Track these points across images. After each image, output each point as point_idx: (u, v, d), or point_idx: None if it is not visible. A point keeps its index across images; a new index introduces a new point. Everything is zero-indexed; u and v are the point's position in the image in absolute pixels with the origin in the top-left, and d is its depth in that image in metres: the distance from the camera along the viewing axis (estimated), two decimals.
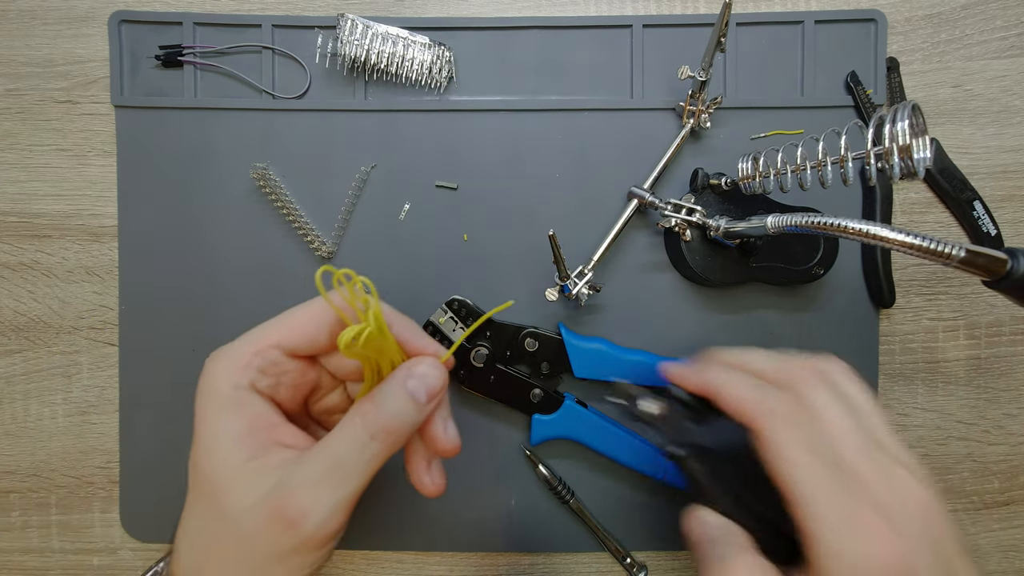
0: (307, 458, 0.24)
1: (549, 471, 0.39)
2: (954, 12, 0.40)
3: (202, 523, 0.25)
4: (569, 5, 0.41)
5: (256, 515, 0.23)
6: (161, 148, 0.40)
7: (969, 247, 0.24)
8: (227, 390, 0.25)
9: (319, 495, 0.23)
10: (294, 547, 0.23)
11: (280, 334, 0.26)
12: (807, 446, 0.25)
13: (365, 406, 0.25)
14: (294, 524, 0.23)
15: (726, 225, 0.35)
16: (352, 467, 0.24)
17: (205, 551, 0.25)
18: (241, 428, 0.24)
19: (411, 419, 0.25)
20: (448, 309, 0.38)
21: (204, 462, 0.24)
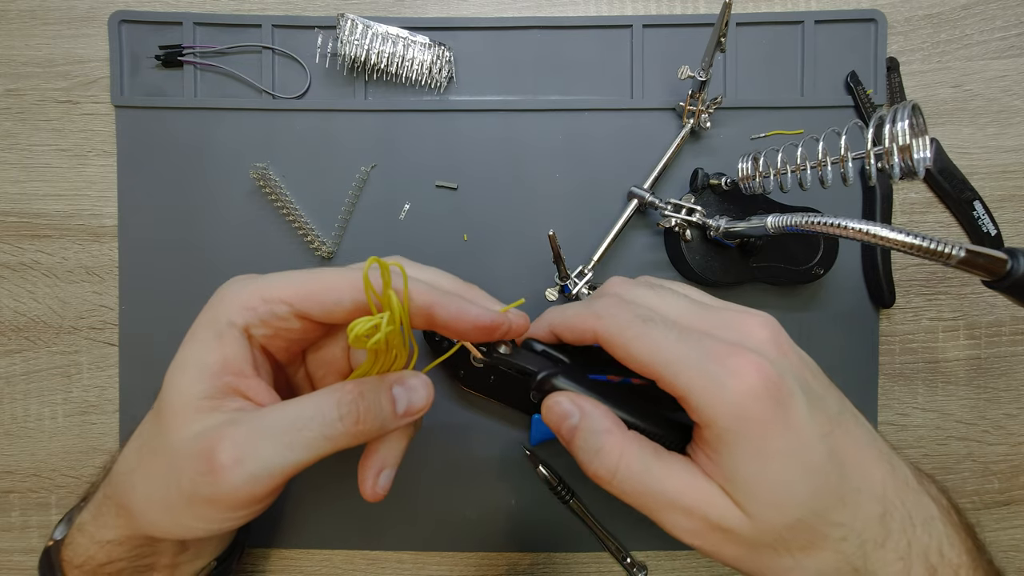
0: (266, 412, 0.24)
1: (549, 471, 0.39)
2: (954, 12, 0.40)
3: (149, 433, 0.26)
4: (569, 5, 0.41)
5: (188, 447, 0.23)
6: (161, 148, 0.40)
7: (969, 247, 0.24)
8: (221, 321, 0.25)
9: (257, 451, 0.22)
10: (208, 496, 0.23)
11: (296, 292, 0.25)
12: (642, 324, 0.24)
13: (348, 387, 0.25)
14: (215, 471, 0.22)
15: (726, 225, 0.35)
16: (306, 437, 0.23)
17: (141, 460, 0.26)
18: (213, 365, 0.24)
19: (382, 423, 0.25)
20: None
21: (172, 378, 0.24)
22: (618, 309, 0.25)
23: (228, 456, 0.22)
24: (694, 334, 0.24)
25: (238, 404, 0.24)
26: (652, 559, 0.40)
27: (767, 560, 0.22)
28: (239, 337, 0.25)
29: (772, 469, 0.21)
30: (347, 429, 0.24)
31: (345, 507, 0.40)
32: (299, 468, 0.23)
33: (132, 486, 0.25)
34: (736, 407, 0.21)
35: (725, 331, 0.24)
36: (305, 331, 0.26)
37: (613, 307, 0.26)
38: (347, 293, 0.25)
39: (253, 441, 0.23)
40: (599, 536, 0.39)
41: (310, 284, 0.25)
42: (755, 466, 0.22)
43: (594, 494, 0.39)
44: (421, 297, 0.24)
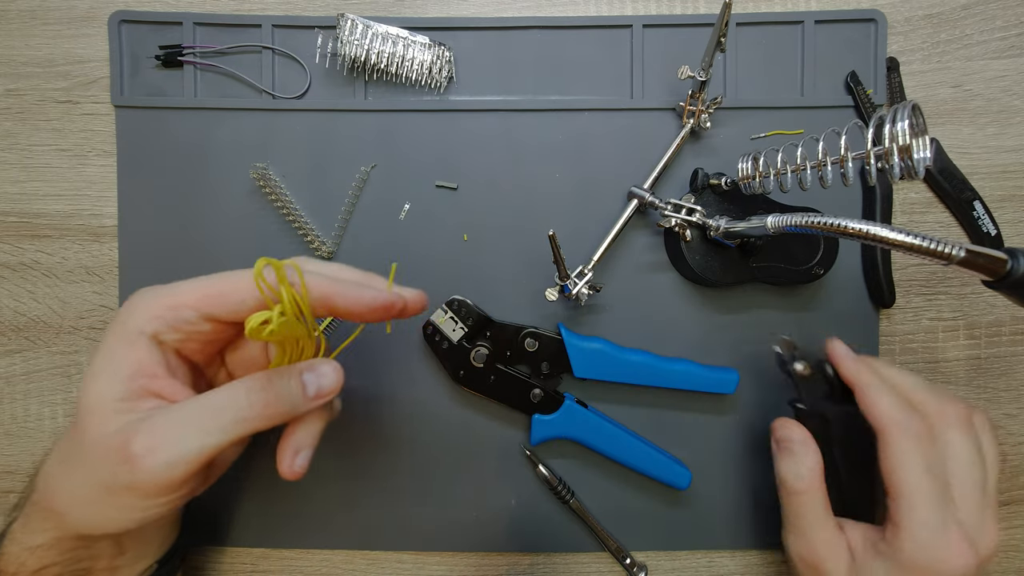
0: (179, 404, 0.25)
1: (549, 471, 0.39)
2: (954, 12, 0.40)
3: (69, 439, 0.27)
4: (569, 5, 0.41)
5: (106, 443, 0.24)
6: (161, 148, 0.40)
7: (969, 247, 0.24)
8: (131, 330, 0.26)
9: (170, 438, 0.24)
10: (128, 484, 0.24)
11: (198, 298, 0.26)
12: (925, 465, 0.29)
13: (258, 375, 0.26)
14: (131, 459, 0.24)
15: (726, 225, 0.35)
16: (219, 422, 0.25)
17: (61, 463, 0.27)
18: (125, 369, 0.26)
19: (293, 405, 0.27)
20: (448, 309, 0.38)
21: (88, 384, 0.26)
22: (919, 443, 0.30)
23: (142, 445, 0.24)
24: (950, 502, 0.29)
25: (153, 404, 0.26)
26: (652, 559, 0.40)
27: None
28: (149, 343, 0.26)
29: None
30: (258, 412, 0.26)
31: (345, 507, 0.40)
32: (214, 452, 0.25)
33: (55, 487, 0.27)
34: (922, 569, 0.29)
35: (973, 520, 0.30)
36: (216, 332, 0.28)
37: (918, 438, 0.30)
38: (249, 292, 0.26)
39: (166, 430, 0.24)
40: (599, 536, 0.39)
41: (214, 287, 0.27)
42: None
43: (594, 494, 0.39)
44: (319, 288, 0.26)
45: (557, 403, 0.38)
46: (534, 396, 0.38)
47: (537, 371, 0.38)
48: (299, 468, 0.29)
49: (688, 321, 0.40)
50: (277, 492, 0.40)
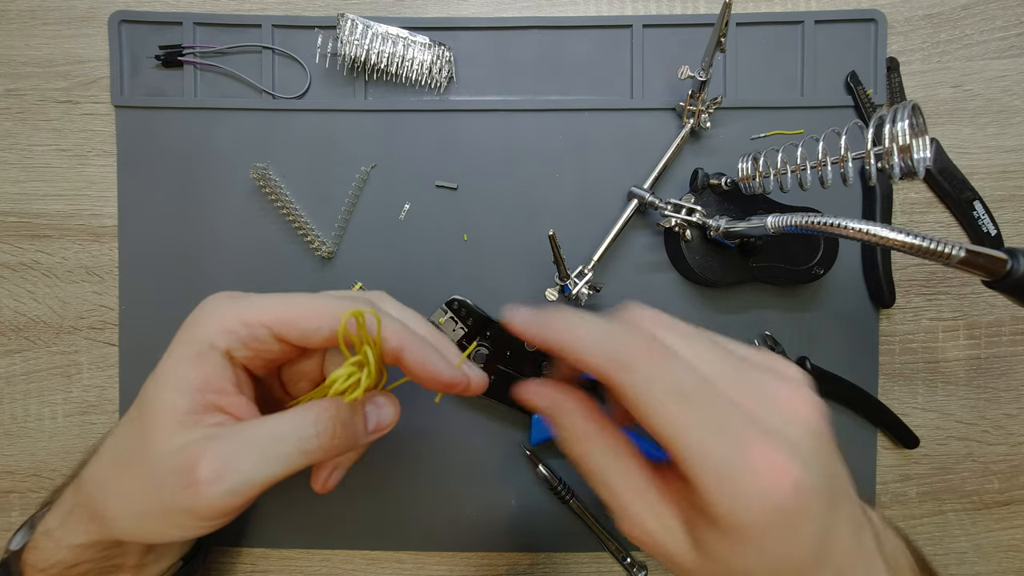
0: (245, 427, 0.25)
1: (549, 471, 0.39)
2: (954, 12, 0.40)
3: (129, 442, 0.26)
4: (569, 5, 0.41)
5: (170, 460, 0.24)
6: (161, 148, 0.40)
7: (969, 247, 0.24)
8: (202, 342, 0.25)
9: (236, 465, 0.23)
10: (187, 508, 0.24)
11: (276, 318, 0.26)
12: (678, 402, 0.20)
13: (325, 404, 0.25)
14: (196, 484, 0.23)
15: (726, 225, 0.35)
16: (283, 452, 0.24)
17: (119, 470, 0.26)
18: (195, 381, 0.25)
19: (355, 439, 0.26)
20: (448, 309, 0.38)
21: (154, 392, 0.25)
22: (653, 367, 0.21)
23: (209, 470, 0.23)
24: (724, 409, 0.20)
25: (218, 419, 0.25)
26: (652, 559, 0.40)
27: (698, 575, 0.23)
28: (220, 359, 0.26)
29: (750, 557, 0.20)
30: (322, 444, 0.25)
31: (346, 508, 0.40)
32: (275, 481, 0.24)
33: (107, 495, 0.26)
34: (748, 515, 0.19)
35: (762, 408, 0.21)
36: (284, 352, 0.27)
37: (644, 359, 0.21)
38: (326, 322, 0.25)
39: (233, 456, 0.24)
40: (599, 536, 0.39)
41: (291, 311, 0.26)
42: (734, 551, 0.20)
43: (594, 494, 0.39)
44: (395, 338, 0.25)
45: None
46: None
47: (537, 371, 0.38)
48: (332, 485, 0.30)
49: (688, 321, 0.40)
50: (277, 493, 0.40)
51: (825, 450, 0.21)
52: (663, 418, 0.20)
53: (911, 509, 0.40)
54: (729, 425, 0.20)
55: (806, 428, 0.21)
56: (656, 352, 0.21)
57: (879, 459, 0.40)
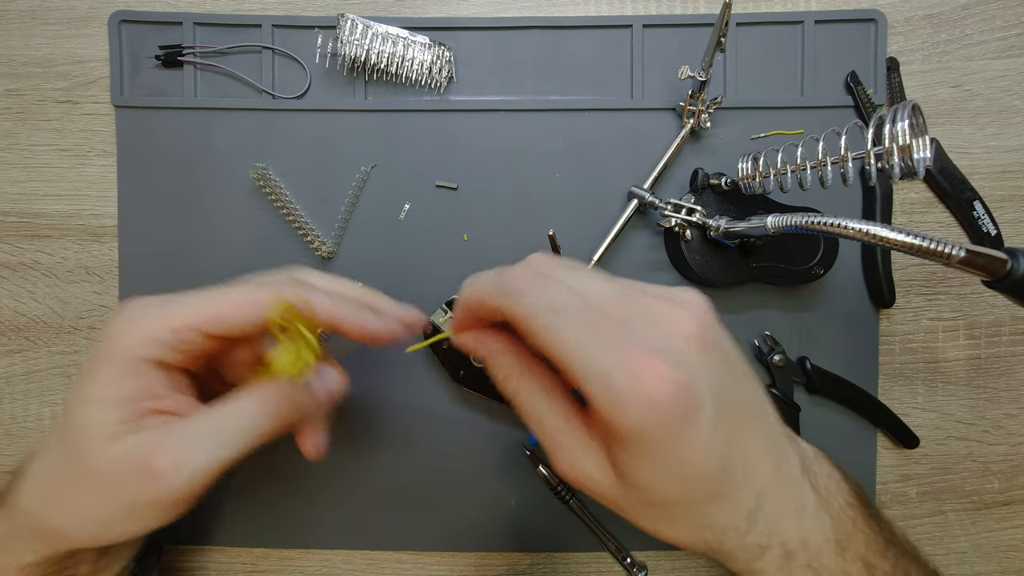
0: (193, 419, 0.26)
1: (549, 471, 0.39)
2: (954, 12, 0.40)
3: (61, 465, 0.26)
4: (569, 5, 0.41)
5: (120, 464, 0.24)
6: (161, 148, 0.40)
7: (969, 247, 0.24)
8: (128, 356, 0.25)
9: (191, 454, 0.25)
10: (152, 500, 0.25)
11: (205, 317, 0.26)
12: (551, 315, 0.21)
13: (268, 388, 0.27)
14: (155, 477, 0.24)
15: (726, 225, 0.35)
16: (237, 434, 0.26)
17: (59, 488, 0.26)
18: (126, 394, 0.25)
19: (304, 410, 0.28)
20: (448, 309, 0.38)
21: (79, 412, 0.25)
22: (530, 289, 0.22)
23: (165, 462, 0.24)
24: (608, 326, 0.21)
25: (160, 420, 0.26)
26: (652, 559, 0.40)
27: (630, 510, 0.23)
28: (150, 369, 0.26)
29: (657, 470, 0.21)
30: (272, 422, 0.27)
31: (345, 507, 0.40)
32: (234, 461, 0.26)
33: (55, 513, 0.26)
34: (636, 420, 0.20)
35: (644, 324, 0.21)
36: (216, 346, 0.28)
37: (524, 285, 0.23)
38: (254, 311, 0.26)
39: (187, 444, 0.25)
40: (599, 536, 0.39)
41: (218, 307, 0.26)
42: (642, 465, 0.21)
43: None
44: (325, 311, 0.27)
45: None
46: None
47: None
48: (322, 447, 0.30)
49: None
50: (277, 492, 0.40)
51: (715, 364, 0.22)
52: (544, 334, 0.21)
53: (911, 509, 0.40)
54: (607, 336, 0.21)
55: (687, 339, 0.21)
56: (534, 278, 0.23)
57: (879, 459, 0.40)
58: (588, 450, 0.23)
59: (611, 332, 0.21)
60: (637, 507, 0.23)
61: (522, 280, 0.23)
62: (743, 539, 0.22)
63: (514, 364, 0.26)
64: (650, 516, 0.23)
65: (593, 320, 0.21)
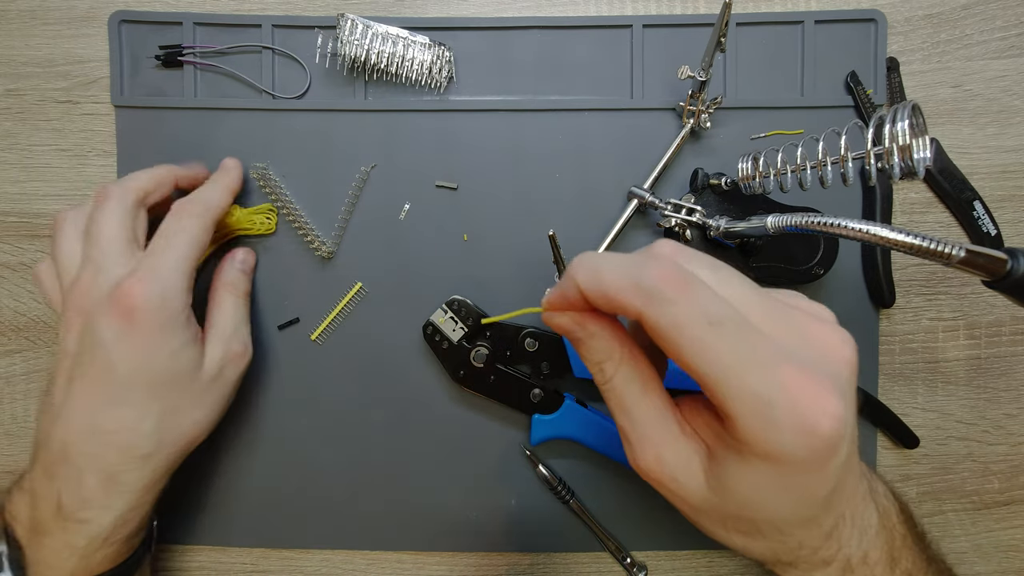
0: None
1: (549, 471, 0.39)
2: (954, 12, 0.40)
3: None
4: (569, 5, 0.41)
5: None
6: (161, 148, 0.40)
7: (969, 247, 0.24)
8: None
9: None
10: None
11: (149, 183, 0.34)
12: (708, 328, 0.19)
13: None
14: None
15: (726, 225, 0.35)
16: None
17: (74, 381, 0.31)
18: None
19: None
20: (448, 309, 0.38)
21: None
22: (679, 294, 0.19)
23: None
24: (766, 345, 0.19)
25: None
26: (652, 559, 0.40)
27: (706, 517, 0.23)
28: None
29: (777, 493, 0.20)
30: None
31: (345, 507, 0.40)
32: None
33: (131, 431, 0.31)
34: (788, 446, 0.19)
35: (805, 347, 0.20)
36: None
37: (671, 287, 0.19)
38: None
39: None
40: (599, 536, 0.39)
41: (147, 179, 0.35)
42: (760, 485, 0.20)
43: (594, 494, 0.39)
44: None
45: (557, 403, 0.38)
46: (534, 396, 0.38)
47: (537, 371, 0.38)
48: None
49: None
50: (276, 492, 0.40)
51: (854, 391, 0.21)
52: (693, 348, 0.19)
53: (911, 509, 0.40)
54: (764, 355, 0.19)
55: (843, 363, 0.20)
56: (683, 280, 0.20)
57: (879, 459, 0.40)
58: (680, 450, 0.22)
59: (771, 352, 0.19)
60: (721, 518, 0.22)
61: (667, 281, 0.20)
62: (814, 555, 0.22)
63: (614, 348, 0.23)
64: (731, 527, 0.22)
65: (752, 338, 0.19)
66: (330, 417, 0.40)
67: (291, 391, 0.40)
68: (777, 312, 0.21)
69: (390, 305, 0.40)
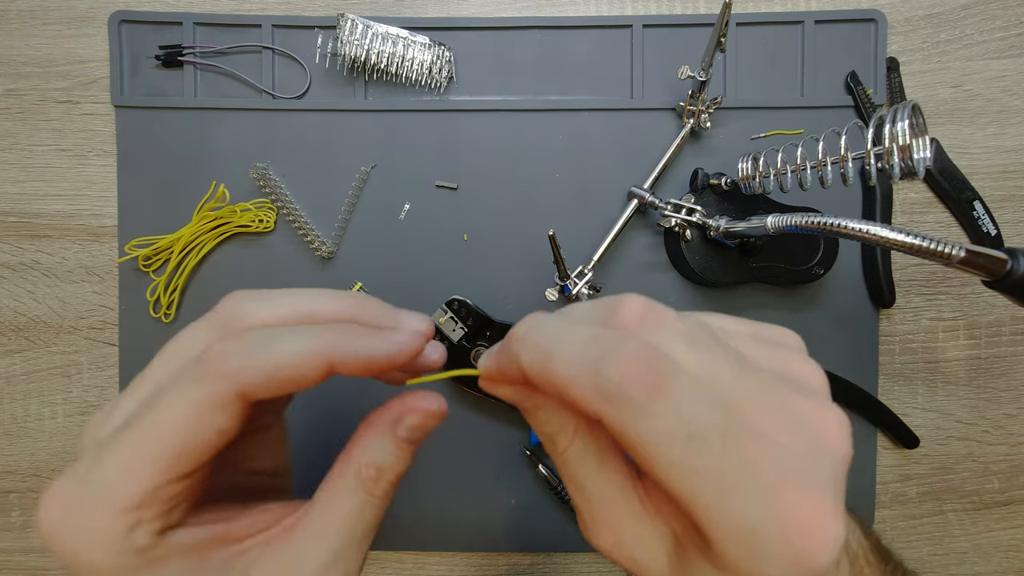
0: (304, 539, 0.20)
1: (549, 471, 0.39)
2: (954, 12, 0.40)
3: None
4: (569, 5, 0.41)
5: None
6: (161, 148, 0.40)
7: (969, 247, 0.24)
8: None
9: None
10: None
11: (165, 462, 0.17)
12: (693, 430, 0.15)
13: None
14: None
15: (726, 225, 0.35)
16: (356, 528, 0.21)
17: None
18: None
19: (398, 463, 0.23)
20: (448, 309, 0.38)
21: None
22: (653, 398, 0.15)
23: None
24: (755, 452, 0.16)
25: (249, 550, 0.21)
26: None
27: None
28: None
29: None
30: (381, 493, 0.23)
31: None
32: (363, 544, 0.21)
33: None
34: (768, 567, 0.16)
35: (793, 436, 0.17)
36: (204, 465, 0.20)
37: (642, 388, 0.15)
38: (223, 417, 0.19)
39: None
40: None
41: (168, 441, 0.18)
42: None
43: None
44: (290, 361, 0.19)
45: None
46: None
47: None
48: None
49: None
50: None
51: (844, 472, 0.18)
52: (669, 470, 0.16)
53: (911, 509, 0.40)
54: (754, 472, 0.16)
55: (841, 461, 0.18)
56: (657, 376, 0.16)
57: (879, 459, 0.40)
58: (642, 532, 0.19)
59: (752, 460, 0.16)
60: None
61: (637, 380, 0.15)
62: None
63: (566, 420, 0.19)
64: None
65: (740, 453, 0.16)
66: (329, 417, 0.40)
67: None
68: (766, 394, 0.17)
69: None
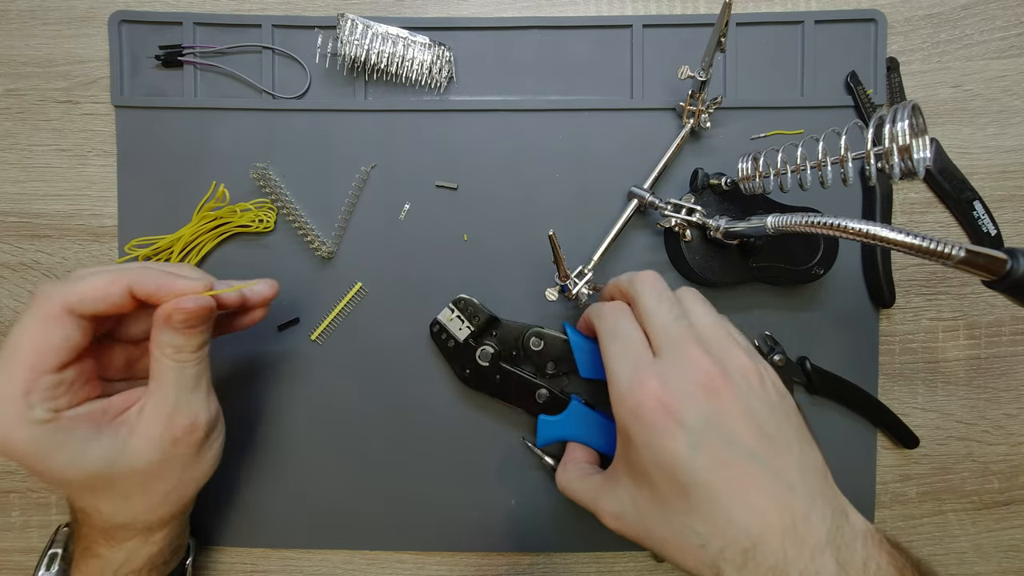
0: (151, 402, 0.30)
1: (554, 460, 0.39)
2: (954, 12, 0.40)
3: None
4: (569, 5, 0.41)
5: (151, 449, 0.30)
6: (161, 148, 0.40)
7: (969, 247, 0.24)
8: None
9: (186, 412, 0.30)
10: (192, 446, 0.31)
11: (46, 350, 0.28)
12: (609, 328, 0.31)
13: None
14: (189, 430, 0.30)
15: (726, 225, 0.35)
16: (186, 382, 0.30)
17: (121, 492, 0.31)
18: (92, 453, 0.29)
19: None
20: (455, 307, 0.38)
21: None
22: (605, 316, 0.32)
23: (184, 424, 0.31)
24: (630, 343, 0.29)
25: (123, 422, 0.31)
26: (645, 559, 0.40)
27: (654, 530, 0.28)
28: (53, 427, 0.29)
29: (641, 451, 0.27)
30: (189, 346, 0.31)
31: (345, 507, 0.40)
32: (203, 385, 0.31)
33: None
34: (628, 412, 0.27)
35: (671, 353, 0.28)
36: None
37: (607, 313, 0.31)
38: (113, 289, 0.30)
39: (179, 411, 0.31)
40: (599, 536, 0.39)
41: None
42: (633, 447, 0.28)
43: None
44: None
45: (563, 404, 0.38)
46: (540, 396, 0.38)
47: (543, 371, 0.38)
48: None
49: None
50: (277, 492, 0.40)
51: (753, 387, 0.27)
52: (601, 346, 0.31)
53: (911, 509, 0.40)
54: (631, 356, 0.29)
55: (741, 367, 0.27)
56: (613, 308, 0.32)
57: (879, 459, 0.40)
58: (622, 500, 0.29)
59: (631, 350, 0.29)
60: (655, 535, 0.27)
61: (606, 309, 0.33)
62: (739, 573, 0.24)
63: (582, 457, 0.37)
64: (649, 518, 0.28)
65: (624, 342, 0.30)
66: (330, 417, 0.40)
67: (291, 391, 0.40)
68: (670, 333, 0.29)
69: (390, 305, 0.40)
